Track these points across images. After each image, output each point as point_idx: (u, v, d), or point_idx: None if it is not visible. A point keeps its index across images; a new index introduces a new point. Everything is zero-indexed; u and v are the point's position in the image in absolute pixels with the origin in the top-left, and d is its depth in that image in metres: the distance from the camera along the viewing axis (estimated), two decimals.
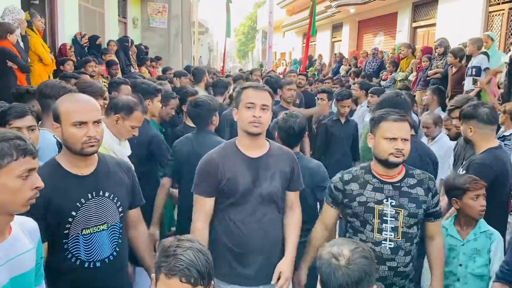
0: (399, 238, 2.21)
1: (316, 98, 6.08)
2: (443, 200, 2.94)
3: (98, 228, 1.98)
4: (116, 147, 2.69)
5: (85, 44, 8.10)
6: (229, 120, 4.17)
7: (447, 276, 2.52)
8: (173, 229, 3.81)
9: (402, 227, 2.20)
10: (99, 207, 1.98)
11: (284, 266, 2.29)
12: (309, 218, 2.69)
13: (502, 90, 5.98)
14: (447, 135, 3.85)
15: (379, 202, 2.23)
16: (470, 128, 2.82)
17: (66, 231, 1.91)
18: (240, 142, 2.32)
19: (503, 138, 4.46)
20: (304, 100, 6.32)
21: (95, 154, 2.01)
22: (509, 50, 6.82)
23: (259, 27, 34.27)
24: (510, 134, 4.37)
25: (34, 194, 1.49)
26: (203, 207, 2.30)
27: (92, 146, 1.92)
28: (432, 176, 2.35)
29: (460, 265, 2.50)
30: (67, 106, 1.92)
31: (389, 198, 2.22)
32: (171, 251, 1.40)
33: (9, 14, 5.51)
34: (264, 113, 2.22)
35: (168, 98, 4.00)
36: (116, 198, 2.04)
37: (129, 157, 2.81)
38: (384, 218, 2.21)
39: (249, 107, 2.21)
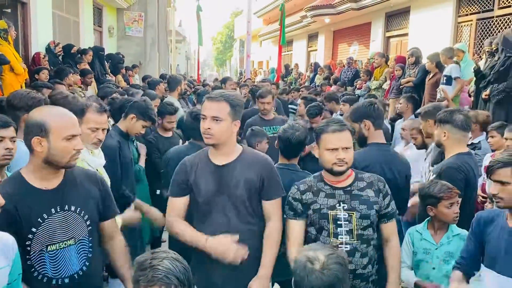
0: (354, 240, 2.25)
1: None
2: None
3: (65, 244, 1.92)
4: (89, 158, 2.62)
5: (59, 53, 7.98)
6: None
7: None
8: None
9: (356, 230, 2.26)
10: (64, 222, 1.93)
11: (255, 284, 2.27)
12: None
13: (473, 98, 6.18)
14: (414, 144, 3.93)
15: (332, 208, 2.28)
16: (445, 132, 2.90)
17: (27, 248, 1.84)
18: (210, 150, 2.37)
19: (472, 146, 4.61)
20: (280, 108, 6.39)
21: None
22: (480, 59, 7.05)
23: (236, 36, 34.40)
24: (479, 142, 4.52)
25: None
26: (173, 207, 2.38)
27: (76, 158, 1.94)
28: (382, 178, 2.40)
29: (434, 268, 2.55)
30: (58, 119, 1.89)
31: (341, 203, 2.28)
32: (147, 264, 1.40)
33: None
34: (216, 124, 2.22)
35: None
36: (83, 212, 1.99)
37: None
38: (338, 222, 2.26)
39: (203, 119, 2.26)
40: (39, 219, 1.86)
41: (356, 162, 2.47)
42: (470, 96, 6.46)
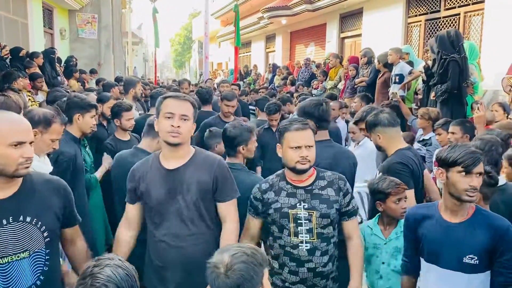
0: (314, 239, 2.29)
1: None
2: None
3: (18, 257, 1.82)
4: (36, 164, 2.54)
5: (5, 56, 7.64)
6: None
7: (371, 274, 2.66)
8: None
9: (316, 228, 2.29)
10: (18, 233, 1.82)
11: None
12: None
13: (420, 96, 6.42)
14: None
15: (293, 207, 2.31)
16: (378, 135, 3.00)
17: None
18: (162, 153, 2.31)
19: (423, 142, 4.80)
20: (238, 110, 6.37)
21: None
22: (427, 58, 7.33)
23: (194, 37, 34.15)
24: (429, 138, 4.71)
25: None
26: (127, 213, 2.41)
27: (27, 167, 1.81)
28: (343, 176, 2.44)
29: (383, 263, 2.62)
30: (2, 125, 1.77)
31: (302, 202, 2.31)
32: (88, 272, 1.37)
33: None
34: (184, 123, 2.20)
35: None
36: (40, 223, 1.89)
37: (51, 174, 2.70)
38: (299, 221, 2.29)
39: (168, 117, 2.19)
40: None
41: None
42: (417, 94, 6.72)
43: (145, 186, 2.27)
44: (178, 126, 2.18)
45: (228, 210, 2.33)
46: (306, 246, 2.27)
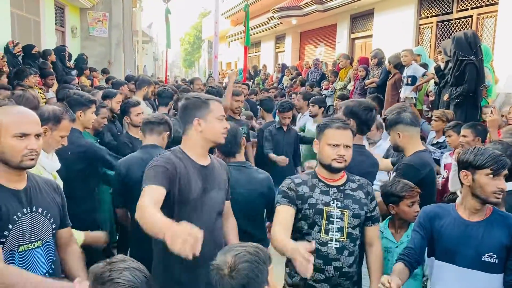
0: (344, 239, 2.30)
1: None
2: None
3: (33, 245, 1.91)
4: (44, 161, 2.56)
5: (18, 53, 7.71)
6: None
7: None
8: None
9: (347, 228, 2.31)
10: (33, 223, 1.91)
11: None
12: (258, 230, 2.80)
13: (432, 98, 6.36)
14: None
15: (327, 204, 2.32)
16: (398, 133, 2.93)
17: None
18: (191, 150, 2.29)
19: (438, 145, 4.74)
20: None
21: (25, 170, 1.94)
22: (437, 59, 7.27)
23: (204, 36, 34.19)
24: (444, 140, 4.65)
25: None
26: (153, 192, 2.05)
27: (32, 159, 1.87)
28: (370, 182, 2.49)
29: None
30: (7, 117, 1.85)
31: (335, 200, 2.33)
32: (106, 277, 1.31)
33: None
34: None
35: (97, 108, 3.90)
36: (49, 215, 1.98)
37: (60, 172, 2.71)
38: (331, 219, 2.30)
39: (221, 119, 2.30)
40: (14, 217, 1.83)
41: None
42: (428, 96, 6.66)
43: (186, 180, 2.22)
44: (226, 128, 2.33)
45: (230, 206, 2.56)
46: (335, 244, 2.29)
